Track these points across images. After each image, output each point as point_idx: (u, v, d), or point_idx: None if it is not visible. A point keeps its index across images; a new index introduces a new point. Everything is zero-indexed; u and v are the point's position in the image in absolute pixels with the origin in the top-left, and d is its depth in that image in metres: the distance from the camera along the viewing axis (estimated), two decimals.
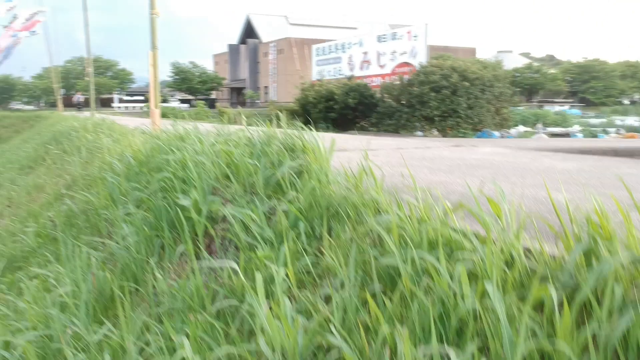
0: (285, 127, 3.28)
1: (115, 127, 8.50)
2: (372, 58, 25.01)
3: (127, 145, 5.35)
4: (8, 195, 7.49)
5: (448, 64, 13.94)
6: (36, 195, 6.84)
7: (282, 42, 77.08)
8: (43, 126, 18.72)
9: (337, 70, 30.93)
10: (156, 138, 4.22)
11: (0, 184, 8.86)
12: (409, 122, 14.00)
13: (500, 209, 1.68)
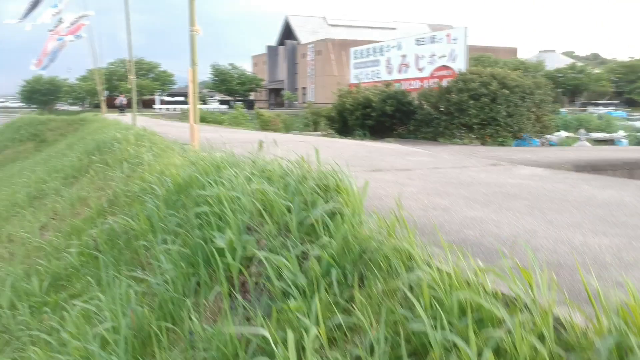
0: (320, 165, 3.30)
1: (156, 139, 8.68)
2: (411, 61, 24.84)
3: (166, 165, 5.46)
4: (53, 206, 7.72)
5: (487, 71, 13.74)
6: (80, 208, 7.04)
7: (320, 44, 77.27)
8: (87, 131, 19.22)
9: (375, 73, 30.82)
10: (194, 164, 4.30)
11: (46, 193, 9.14)
12: (447, 130, 13.86)
13: (531, 277, 1.67)
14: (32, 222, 7.58)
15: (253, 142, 9.81)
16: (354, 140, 12.46)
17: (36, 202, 9.02)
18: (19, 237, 7.12)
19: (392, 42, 28.00)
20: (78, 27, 37.02)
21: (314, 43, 78.95)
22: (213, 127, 18.09)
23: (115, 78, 71.97)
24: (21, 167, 19.18)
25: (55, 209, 7.35)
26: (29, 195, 9.54)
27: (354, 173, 5.32)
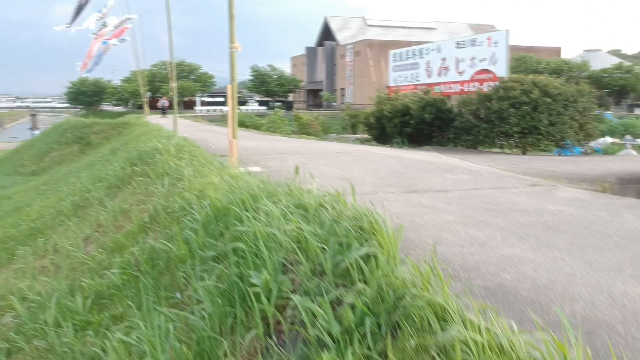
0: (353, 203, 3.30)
1: (196, 151, 8.81)
2: (451, 64, 24.58)
3: (205, 184, 5.55)
4: (97, 218, 7.93)
5: (529, 78, 13.49)
6: (122, 220, 7.21)
7: (359, 45, 77.13)
8: (130, 136, 19.65)
9: (415, 76, 30.59)
10: (232, 191, 4.36)
11: (91, 202, 9.38)
12: (487, 138, 13.66)
13: (566, 351, 1.65)
14: (76, 233, 7.79)
15: (290, 153, 9.88)
16: (392, 149, 12.41)
17: (80, 212, 9.27)
18: (64, 249, 7.34)
19: (431, 45, 27.76)
20: (122, 30, 37.90)
21: (352, 44, 78.88)
22: (251, 133, 18.30)
23: (157, 80, 73.28)
24: (67, 172, 19.77)
25: (99, 221, 7.55)
26: (74, 204, 9.82)
27: (390, 195, 5.33)
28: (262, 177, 5.08)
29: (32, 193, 18.16)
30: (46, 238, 8.58)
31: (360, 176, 6.71)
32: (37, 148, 30.20)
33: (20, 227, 10.30)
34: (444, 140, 15.10)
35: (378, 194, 5.44)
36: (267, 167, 7.87)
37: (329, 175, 6.76)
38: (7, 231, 10.73)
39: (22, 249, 8.17)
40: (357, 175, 6.82)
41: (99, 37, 34.89)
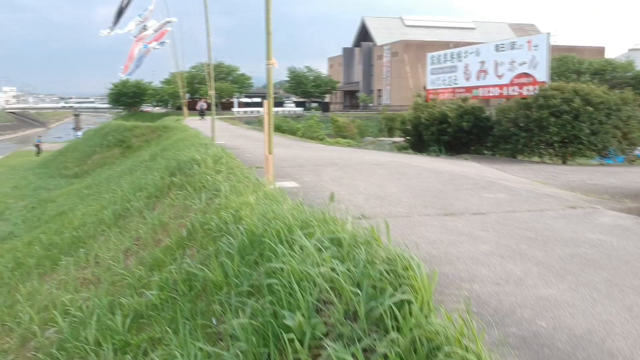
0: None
1: (233, 163, 8.90)
2: (490, 68, 24.24)
3: (241, 203, 5.61)
4: (136, 230, 8.09)
5: (570, 86, 13.20)
6: (161, 234, 7.35)
7: (397, 45, 76.73)
8: (169, 142, 19.99)
9: (453, 79, 30.28)
10: (267, 218, 4.40)
11: (131, 212, 9.58)
12: (526, 147, 13.43)
13: None
14: (116, 244, 7.97)
15: (326, 165, 9.89)
16: (429, 159, 12.30)
17: (121, 221, 9.48)
18: (105, 260, 7.52)
19: (470, 48, 27.44)
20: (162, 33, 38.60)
21: (390, 45, 78.55)
22: (288, 140, 18.40)
23: (196, 81, 74.36)
24: (108, 176, 20.24)
25: (138, 234, 7.70)
26: (115, 213, 10.04)
27: (425, 218, 5.29)
28: (297, 201, 5.10)
29: (74, 197, 18.67)
30: (88, 248, 8.80)
31: (395, 194, 6.68)
32: (80, 150, 31.02)
33: (63, 235, 10.59)
34: (482, 149, 14.90)
35: (413, 215, 5.41)
36: (303, 181, 7.91)
37: (364, 193, 6.75)
38: (51, 238, 11.06)
39: (65, 260, 8.40)
40: (392, 192, 6.79)
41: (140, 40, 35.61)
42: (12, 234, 15.28)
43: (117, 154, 27.85)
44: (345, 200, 6.30)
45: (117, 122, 32.38)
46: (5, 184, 25.93)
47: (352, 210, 5.77)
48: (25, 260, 10.26)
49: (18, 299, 7.95)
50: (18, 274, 9.67)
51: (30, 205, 19.78)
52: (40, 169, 30.77)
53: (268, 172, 7.45)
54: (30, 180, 26.84)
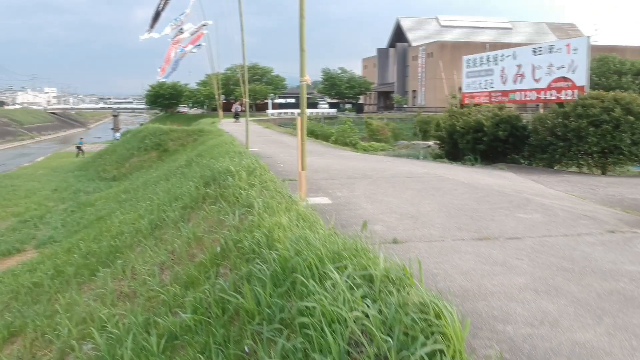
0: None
1: (266, 177, 8.94)
2: (527, 71, 23.84)
3: (274, 224, 5.63)
4: (172, 242, 8.21)
5: (610, 95, 12.86)
6: (196, 248, 7.44)
7: (432, 46, 76.07)
8: (204, 147, 20.21)
9: (489, 83, 29.88)
10: (298, 249, 4.40)
11: (167, 223, 9.72)
12: (564, 157, 13.15)
13: None
14: (152, 257, 8.09)
15: (359, 177, 9.84)
16: (464, 170, 12.15)
17: (157, 232, 9.63)
18: (141, 274, 7.65)
19: (506, 52, 27.04)
20: (198, 36, 39.12)
21: (425, 45, 77.92)
22: (321, 146, 18.41)
23: (231, 83, 75.10)
24: (145, 180, 20.60)
25: (173, 248, 7.81)
26: (151, 223, 10.20)
27: (459, 243, 5.23)
28: (329, 226, 5.10)
29: (112, 201, 19.06)
30: (125, 259, 8.98)
31: (429, 213, 6.62)
32: (118, 153, 31.66)
33: (101, 243, 10.81)
34: (519, 158, 14.65)
35: (447, 240, 5.36)
36: (335, 197, 7.90)
37: (398, 212, 6.71)
38: (89, 246, 11.31)
39: (103, 271, 8.58)
40: (426, 211, 6.73)
41: (176, 43, 36.14)
42: (52, 239, 15.68)
43: (154, 157, 28.33)
44: (378, 220, 6.28)
45: (154, 126, 32.92)
46: (47, 187, 26.64)
47: (385, 232, 5.75)
48: (64, 268, 10.53)
49: (57, 309, 8.17)
50: (57, 283, 9.93)
51: (70, 209, 20.27)
52: (80, 171, 31.50)
53: (301, 189, 7.48)
54: (70, 182, 27.51)
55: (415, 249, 4.98)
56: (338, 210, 6.93)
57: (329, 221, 6.37)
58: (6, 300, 10.24)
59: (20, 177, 31.60)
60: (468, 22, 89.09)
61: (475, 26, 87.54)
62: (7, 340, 8.32)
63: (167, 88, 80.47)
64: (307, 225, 5.56)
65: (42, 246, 15.22)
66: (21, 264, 12.65)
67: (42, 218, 19.16)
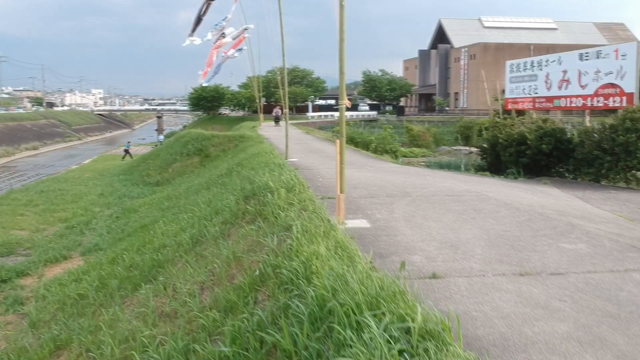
0: None
1: (305, 195, 8.94)
2: (573, 77, 23.27)
3: (312, 253, 5.64)
4: (212, 261, 8.31)
5: None
6: (235, 269, 7.50)
7: (475, 48, 75.07)
8: (244, 155, 20.40)
9: (533, 88, 29.23)
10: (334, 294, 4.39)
11: (207, 239, 9.84)
12: (611, 172, 12.77)
13: None
14: (193, 275, 8.21)
15: (399, 195, 9.75)
16: (506, 185, 11.92)
17: (198, 248, 9.76)
18: (182, 293, 7.78)
19: (551, 57, 26.47)
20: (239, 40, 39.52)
21: (467, 47, 76.91)
22: (360, 156, 18.36)
23: (272, 85, 75.71)
24: (187, 187, 20.95)
25: (213, 267, 7.90)
26: (192, 238, 10.34)
27: (500, 279, 5.14)
28: (367, 262, 5.07)
29: (155, 208, 19.45)
30: (166, 275, 9.15)
31: (469, 241, 6.53)
32: (161, 158, 32.29)
33: (144, 256, 11.03)
34: (563, 172, 14.30)
35: (487, 274, 5.27)
36: (374, 219, 7.86)
37: (437, 239, 6.64)
38: (132, 258, 11.56)
39: (145, 287, 8.76)
40: (466, 239, 6.64)
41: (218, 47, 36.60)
42: (97, 246, 16.08)
43: (197, 162, 28.78)
44: (417, 249, 6.22)
45: (196, 131, 33.46)
46: (93, 191, 27.35)
47: (424, 264, 5.69)
48: (108, 280, 10.79)
49: (101, 325, 8.38)
50: (102, 295, 10.19)
51: (115, 215, 20.76)
52: (125, 175, 32.24)
53: (339, 212, 7.48)
54: (115, 187, 28.18)
55: (454, 286, 4.92)
56: (376, 236, 6.90)
57: (368, 249, 6.36)
58: (53, 311, 10.57)
59: (67, 180, 32.55)
60: (511, 23, 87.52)
61: (518, 27, 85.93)
62: (53, 353, 8.59)
63: (210, 91, 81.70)
64: (345, 256, 5.55)
65: (87, 253, 15.63)
66: (67, 273, 13.02)
67: (88, 224, 19.68)
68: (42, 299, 11.70)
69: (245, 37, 41.01)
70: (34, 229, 19.41)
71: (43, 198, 25.32)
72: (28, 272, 14.07)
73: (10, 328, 10.71)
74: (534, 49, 72.72)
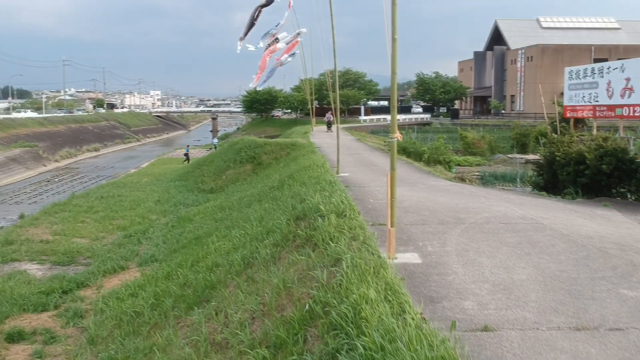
0: None
1: (355, 222, 8.90)
2: (636, 85, 22.40)
3: (361, 296, 5.62)
4: (262, 289, 8.38)
5: None
6: (284, 300, 7.55)
7: (532, 49, 73.17)
8: (296, 166, 20.51)
9: (593, 96, 28.24)
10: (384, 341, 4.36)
11: (258, 261, 9.92)
12: None
13: None
14: (244, 302, 8.30)
15: (452, 222, 9.58)
16: (563, 212, 11.55)
17: (249, 271, 9.86)
18: (233, 321, 7.89)
19: (613, 64, 25.56)
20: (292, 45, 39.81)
21: (524, 49, 74.98)
22: (411, 171, 18.17)
23: (324, 88, 75.87)
24: (239, 198, 21.26)
25: (264, 298, 7.97)
26: (244, 259, 10.46)
27: (554, 334, 4.99)
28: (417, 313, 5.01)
29: (209, 219, 19.83)
30: (218, 298, 9.31)
31: (524, 283, 6.37)
32: (215, 165, 32.92)
33: (197, 275, 11.24)
34: (625, 192, 13.74)
35: (541, 327, 5.12)
36: (426, 253, 7.76)
37: (490, 280, 6.50)
38: (187, 275, 11.81)
39: (197, 312, 8.94)
40: (520, 280, 6.48)
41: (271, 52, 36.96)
42: (153, 257, 16.51)
43: (249, 170, 29.20)
44: (468, 292, 6.11)
45: (249, 138, 33.96)
46: (150, 197, 28.11)
47: (475, 311, 5.58)
48: (163, 298, 11.06)
49: (155, 349, 8.62)
50: (157, 314, 10.46)
51: (171, 223, 21.28)
52: (180, 181, 33.01)
53: (390, 248, 7.44)
54: (171, 194, 28.88)
55: (507, 342, 4.80)
56: (427, 275, 6.82)
57: (419, 291, 6.29)
58: (110, 327, 10.93)
59: (126, 185, 33.60)
60: (571, 23, 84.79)
61: (578, 27, 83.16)
62: None
63: (263, 94, 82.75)
64: (395, 302, 5.51)
65: (144, 264, 16.08)
66: (124, 286, 13.42)
67: (145, 233, 20.25)
68: (100, 313, 12.12)
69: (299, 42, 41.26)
70: (93, 237, 20.15)
71: (103, 204, 26.23)
72: (87, 283, 14.59)
73: (71, 342, 11.15)
74: (595, 50, 70.26)
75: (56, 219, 22.99)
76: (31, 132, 71.53)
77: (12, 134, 66.94)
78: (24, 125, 73.30)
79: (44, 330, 11.61)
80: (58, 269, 16.33)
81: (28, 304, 12.83)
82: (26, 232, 20.79)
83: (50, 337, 11.28)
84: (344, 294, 6.06)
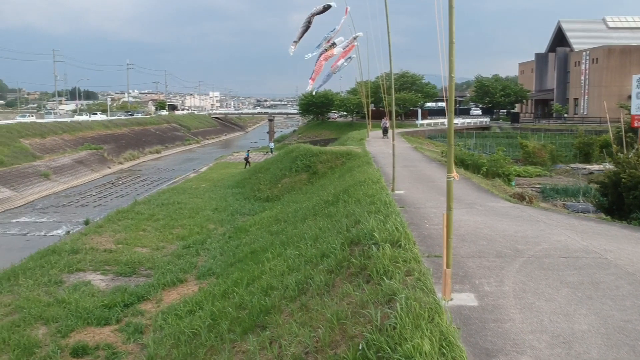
0: None
1: (409, 255, 8.79)
2: None
3: (415, 349, 5.57)
4: (316, 321, 8.43)
5: None
6: (338, 336, 7.56)
7: (597, 51, 70.49)
8: (351, 181, 20.49)
9: None
10: None
11: (312, 289, 9.97)
12: None
13: None
14: (297, 335, 8.34)
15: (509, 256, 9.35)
16: (629, 242, 11.09)
17: (303, 297, 9.93)
18: (287, 355, 7.97)
19: None
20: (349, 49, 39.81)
21: (589, 50, 72.29)
22: (469, 188, 17.80)
23: (380, 91, 75.45)
24: (295, 210, 21.44)
25: (317, 332, 8.01)
26: (298, 284, 10.55)
27: None
28: None
29: (265, 231, 20.09)
30: (272, 326, 9.41)
31: (584, 336, 6.15)
32: (271, 173, 33.33)
33: (252, 297, 11.40)
34: None
35: None
36: (482, 293, 7.61)
37: (549, 331, 6.31)
38: (242, 296, 12.01)
39: (251, 341, 9.08)
40: (581, 332, 6.26)
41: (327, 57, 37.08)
42: (210, 270, 16.87)
43: (304, 179, 29.42)
44: (526, 345, 5.96)
45: (305, 147, 34.19)
46: (208, 205, 28.72)
47: None
48: (220, 319, 11.28)
49: None
50: (213, 336, 10.69)
51: (227, 234, 21.69)
52: (237, 189, 33.58)
53: (445, 290, 7.34)
54: (228, 202, 29.41)
55: None
56: (483, 321, 6.69)
57: (474, 340, 6.19)
58: (169, 347, 11.23)
59: (185, 191, 34.46)
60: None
61: None
62: None
63: (319, 97, 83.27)
64: (450, 355, 5.45)
65: (202, 278, 16.46)
66: (183, 302, 13.77)
67: (203, 243, 20.72)
68: (159, 330, 12.49)
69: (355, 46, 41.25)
70: (154, 247, 20.77)
71: (163, 212, 27.00)
72: (148, 297, 15.05)
73: (131, 359, 11.54)
74: None
75: (119, 227, 23.83)
76: (97, 135, 74.43)
77: (78, 137, 69.89)
78: (89, 128, 76.34)
79: (106, 345, 12.06)
80: (120, 280, 16.92)
81: (92, 318, 13.35)
82: (91, 240, 21.64)
83: (112, 353, 11.70)
84: (397, 339, 6.03)
